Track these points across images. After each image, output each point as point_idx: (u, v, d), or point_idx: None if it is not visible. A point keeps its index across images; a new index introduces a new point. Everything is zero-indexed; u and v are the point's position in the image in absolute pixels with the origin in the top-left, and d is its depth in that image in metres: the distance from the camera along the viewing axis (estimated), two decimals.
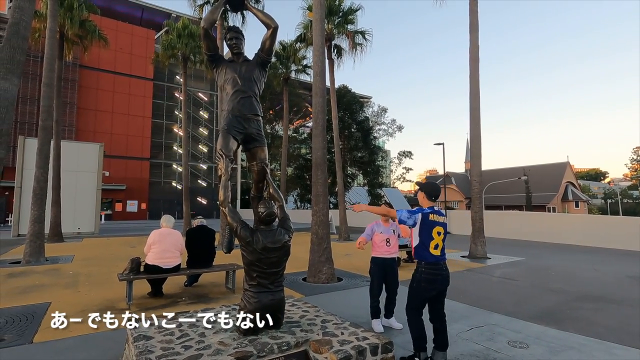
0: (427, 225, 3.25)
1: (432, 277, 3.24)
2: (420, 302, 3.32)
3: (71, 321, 3.19)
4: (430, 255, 3.23)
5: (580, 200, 44.73)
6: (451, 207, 47.90)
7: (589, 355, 3.60)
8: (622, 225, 13.66)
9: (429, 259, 3.24)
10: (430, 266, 3.24)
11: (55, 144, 13.84)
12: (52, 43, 10.19)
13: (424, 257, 3.25)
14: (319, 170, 7.45)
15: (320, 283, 6.92)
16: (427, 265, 3.24)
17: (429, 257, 3.24)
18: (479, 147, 10.92)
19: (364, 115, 33.53)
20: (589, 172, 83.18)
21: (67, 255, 10.51)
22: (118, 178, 34.49)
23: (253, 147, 3.66)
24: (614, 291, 6.43)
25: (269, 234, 3.09)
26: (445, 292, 3.39)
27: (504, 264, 9.34)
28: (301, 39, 18.07)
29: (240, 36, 3.76)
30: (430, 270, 3.24)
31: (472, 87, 10.92)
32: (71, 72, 32.11)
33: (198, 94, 42.14)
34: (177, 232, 5.99)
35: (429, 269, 3.24)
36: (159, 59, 19.11)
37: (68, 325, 3.18)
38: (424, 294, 3.29)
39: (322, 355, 2.77)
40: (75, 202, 17.37)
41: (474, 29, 10.98)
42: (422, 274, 3.25)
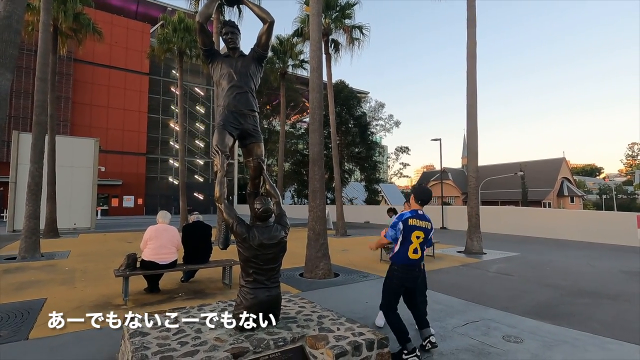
0: (406, 230, 3.43)
1: (404, 276, 3.51)
2: (392, 298, 3.56)
3: (68, 321, 3.18)
4: (407, 259, 3.46)
5: (576, 196, 45.07)
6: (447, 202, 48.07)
7: (583, 349, 3.64)
8: (617, 220, 13.78)
9: (403, 262, 3.48)
10: (404, 268, 3.49)
11: (49, 139, 13.71)
12: (46, 36, 10.04)
13: (399, 260, 3.50)
14: (316, 166, 7.44)
15: (317, 279, 6.93)
16: (400, 266, 3.50)
17: (405, 260, 3.47)
18: (475, 142, 10.94)
19: (361, 110, 33.46)
20: (584, 168, 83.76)
21: (63, 251, 10.46)
22: (114, 173, 34.33)
23: (249, 143, 3.64)
24: (608, 286, 6.49)
25: (265, 231, 3.09)
26: (414, 287, 3.68)
27: (500, 259, 9.40)
28: (298, 33, 17.95)
29: (236, 31, 3.72)
30: (403, 270, 3.50)
31: (469, 82, 10.91)
32: (65, 66, 31.79)
33: (194, 88, 41.87)
34: (174, 228, 5.97)
35: (402, 270, 3.50)
36: (154, 53, 18.95)
37: (63, 328, 3.18)
38: (396, 290, 3.56)
39: (318, 350, 2.77)
40: (71, 197, 17.27)
41: (472, 23, 10.94)
42: (395, 271, 3.54)
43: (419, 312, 3.68)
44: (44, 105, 9.85)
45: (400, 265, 3.50)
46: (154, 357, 2.51)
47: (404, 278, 3.51)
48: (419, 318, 3.66)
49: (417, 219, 3.46)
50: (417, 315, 3.68)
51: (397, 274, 3.52)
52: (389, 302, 3.56)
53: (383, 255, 9.03)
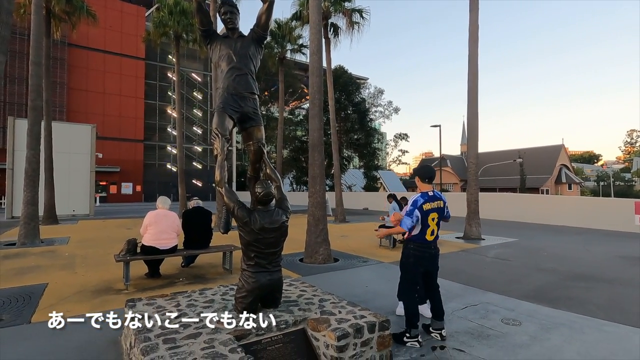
0: (423, 216, 3.39)
1: (420, 254, 3.49)
2: (412, 277, 3.53)
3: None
4: (424, 239, 3.46)
5: (574, 183, 45.26)
6: (446, 189, 48.24)
7: (580, 331, 3.69)
8: (614, 207, 13.87)
9: (420, 240, 3.48)
10: (420, 246, 3.49)
11: (46, 124, 13.55)
12: (38, 19, 9.80)
13: (415, 238, 3.49)
14: (315, 152, 7.39)
15: (317, 263, 6.98)
16: (415, 243, 3.50)
17: (422, 239, 3.48)
18: (476, 127, 10.87)
19: (360, 96, 33.19)
20: (582, 155, 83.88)
21: (63, 237, 10.48)
22: (112, 160, 34.13)
23: (249, 126, 3.58)
24: (604, 271, 6.56)
25: (267, 215, 3.07)
26: (434, 269, 3.63)
27: (498, 245, 9.48)
28: (297, 17, 17.61)
29: (235, 10, 3.62)
30: (418, 248, 3.49)
31: (471, 67, 10.77)
32: (60, 51, 31.20)
33: (191, 74, 41.29)
34: (174, 213, 5.96)
35: (417, 247, 3.49)
36: (150, 37, 18.57)
37: (66, 312, 3.15)
38: (414, 269, 3.51)
39: (320, 333, 2.80)
40: (69, 184, 17.21)
41: (474, 7, 10.73)
42: (411, 250, 3.52)
43: (437, 300, 3.60)
44: (39, 89, 9.69)
45: (416, 242, 3.48)
46: (156, 340, 2.52)
47: (421, 256, 3.47)
48: (437, 306, 3.58)
49: (430, 202, 3.42)
50: (436, 304, 3.60)
51: (413, 252, 3.49)
52: (406, 281, 3.54)
53: (382, 240, 9.08)
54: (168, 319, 2.90)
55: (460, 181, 48.65)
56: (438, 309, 3.57)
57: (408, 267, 3.54)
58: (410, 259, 3.50)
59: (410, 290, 3.51)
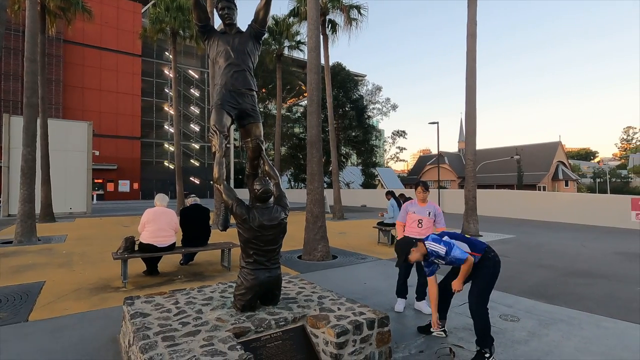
0: (451, 234, 3.23)
1: (498, 259, 3.14)
2: (491, 289, 3.13)
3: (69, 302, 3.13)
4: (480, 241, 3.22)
5: (570, 180, 45.42)
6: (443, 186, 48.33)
7: (578, 327, 3.71)
8: (610, 203, 13.93)
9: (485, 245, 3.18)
10: (491, 249, 3.16)
11: (41, 122, 13.47)
12: (33, 15, 9.70)
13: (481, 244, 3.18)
14: (313, 149, 7.37)
15: (315, 260, 6.98)
16: (489, 249, 3.14)
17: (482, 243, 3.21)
18: (474, 124, 10.87)
19: (358, 93, 33.10)
20: (579, 152, 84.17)
21: (60, 235, 10.43)
22: (109, 158, 33.98)
23: (247, 123, 3.56)
24: (601, 267, 6.60)
25: (265, 212, 3.05)
26: None
27: (496, 242, 9.50)
28: (294, 13, 17.51)
29: (233, 6, 3.58)
30: (494, 252, 3.15)
31: (469, 63, 10.76)
32: (55, 47, 30.92)
33: (189, 71, 41.06)
34: (172, 210, 5.93)
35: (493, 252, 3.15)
36: (146, 34, 18.43)
37: (63, 310, 3.11)
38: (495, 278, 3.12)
39: (319, 330, 2.79)
40: (65, 181, 17.12)
41: (472, 1, 10.70)
42: (494, 257, 3.12)
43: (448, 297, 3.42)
44: (34, 86, 9.60)
45: (488, 247, 3.15)
46: (155, 337, 2.51)
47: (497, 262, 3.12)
48: (447, 305, 3.47)
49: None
50: (447, 303, 3.46)
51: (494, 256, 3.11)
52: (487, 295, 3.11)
53: (380, 237, 9.09)
54: (167, 316, 2.89)
55: (458, 178, 48.75)
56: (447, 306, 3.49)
57: (493, 280, 3.10)
58: (497, 267, 3.09)
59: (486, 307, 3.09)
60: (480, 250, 3.10)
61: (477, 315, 3.04)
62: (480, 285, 3.09)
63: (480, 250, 3.10)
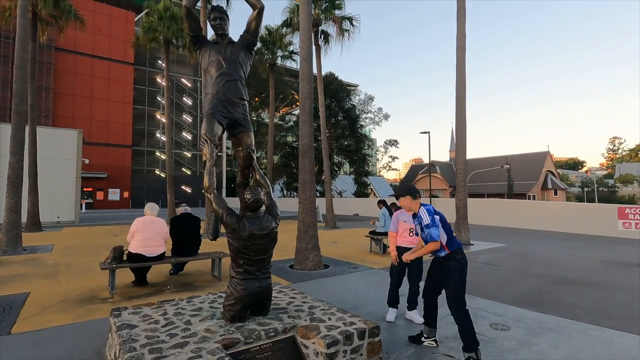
0: (442, 219, 3.26)
1: (465, 260, 3.23)
2: (464, 290, 3.19)
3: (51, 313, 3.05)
4: (457, 241, 3.29)
5: (559, 189, 46.16)
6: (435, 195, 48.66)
7: (567, 336, 3.74)
8: (598, 212, 14.18)
9: (459, 245, 3.26)
10: (461, 249, 3.25)
11: (30, 129, 13.29)
12: (24, 22, 9.64)
13: (457, 243, 3.25)
14: (305, 158, 7.39)
15: (307, 270, 6.94)
16: (459, 249, 3.23)
17: (458, 242, 3.27)
18: (464, 135, 11.03)
19: (350, 103, 33.44)
20: (567, 162, 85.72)
21: (46, 244, 10.21)
22: (99, 166, 33.57)
23: (239, 132, 3.57)
24: (589, 275, 6.68)
25: (256, 221, 3.05)
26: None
27: (487, 250, 9.58)
28: (287, 23, 17.72)
29: (225, 17, 3.62)
30: (463, 254, 3.24)
31: (459, 75, 10.97)
32: (46, 54, 30.72)
33: (181, 79, 41.05)
34: (162, 219, 5.87)
35: (462, 253, 3.23)
36: (139, 42, 18.42)
37: (48, 323, 3.04)
38: (464, 279, 3.18)
39: (309, 340, 2.77)
40: (53, 190, 16.82)
41: (461, 14, 10.95)
42: (460, 257, 3.20)
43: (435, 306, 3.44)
44: (23, 94, 9.49)
45: (459, 248, 3.21)
46: (142, 350, 2.47)
47: (466, 262, 3.20)
48: (435, 314, 3.45)
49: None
50: (435, 312, 3.44)
51: (461, 258, 3.19)
52: (464, 296, 3.16)
53: (372, 246, 9.09)
54: (154, 328, 2.85)
55: (450, 187, 49.19)
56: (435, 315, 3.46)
57: (463, 279, 3.18)
58: (464, 267, 3.18)
59: (466, 308, 3.16)
60: (451, 248, 3.20)
61: (460, 317, 3.14)
62: (453, 289, 3.19)
63: (451, 248, 3.20)
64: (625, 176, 51.72)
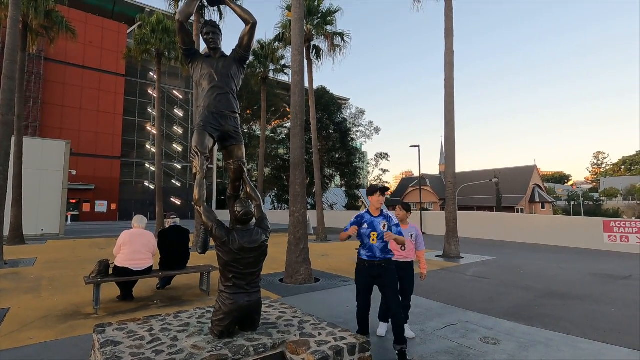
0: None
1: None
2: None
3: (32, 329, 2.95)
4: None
5: (546, 202, 46.91)
6: (426, 208, 48.96)
7: (556, 349, 3.75)
8: (584, 225, 14.42)
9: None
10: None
11: (16, 140, 13.06)
12: (14, 32, 9.58)
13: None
14: (297, 170, 7.40)
15: (297, 284, 6.86)
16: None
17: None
18: (453, 149, 11.21)
19: (341, 116, 33.81)
20: (554, 175, 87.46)
21: (29, 258, 9.91)
22: (86, 177, 32.99)
23: (230, 145, 3.56)
24: (578, 288, 6.75)
25: (246, 234, 3.02)
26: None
27: (477, 263, 9.62)
28: (280, 38, 17.96)
29: (217, 31, 3.66)
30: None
31: (447, 90, 11.21)
32: (35, 65, 30.50)
33: (172, 91, 41.01)
34: (150, 232, 5.77)
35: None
36: (131, 54, 18.43)
37: (28, 340, 2.93)
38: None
39: (299, 356, 2.72)
40: (38, 202, 16.44)
41: (449, 33, 11.28)
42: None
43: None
44: (10, 104, 9.36)
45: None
46: None
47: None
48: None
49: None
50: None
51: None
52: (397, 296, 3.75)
53: None
54: (139, 344, 2.76)
55: (440, 200, 49.57)
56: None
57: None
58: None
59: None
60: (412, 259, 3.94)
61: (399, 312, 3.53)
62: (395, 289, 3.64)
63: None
64: (610, 190, 52.97)
